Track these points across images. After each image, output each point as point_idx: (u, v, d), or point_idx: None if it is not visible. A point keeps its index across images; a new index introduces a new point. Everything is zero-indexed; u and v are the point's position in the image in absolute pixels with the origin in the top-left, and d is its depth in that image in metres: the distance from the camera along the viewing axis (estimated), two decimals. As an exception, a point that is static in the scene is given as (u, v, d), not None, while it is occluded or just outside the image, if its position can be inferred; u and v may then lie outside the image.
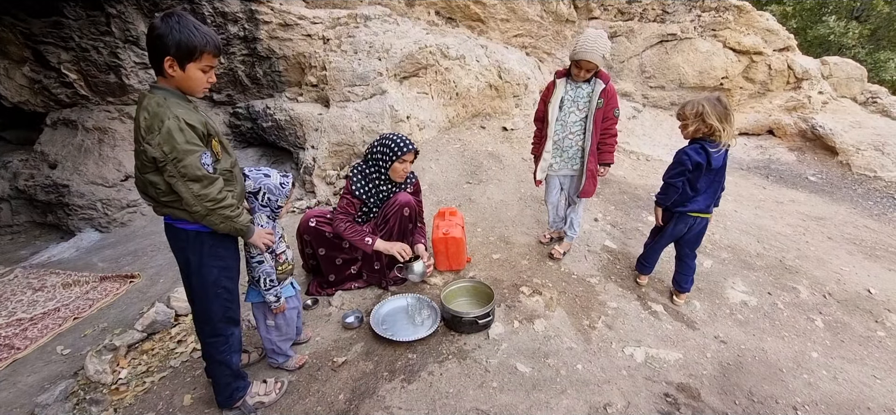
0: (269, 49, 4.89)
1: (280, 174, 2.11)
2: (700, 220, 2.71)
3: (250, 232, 1.92)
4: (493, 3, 6.16)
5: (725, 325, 2.77)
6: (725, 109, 2.45)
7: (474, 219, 3.84)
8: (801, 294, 3.13)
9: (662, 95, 7.04)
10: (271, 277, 2.10)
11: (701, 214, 2.68)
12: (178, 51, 1.61)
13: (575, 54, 2.76)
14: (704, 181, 2.59)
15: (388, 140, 2.75)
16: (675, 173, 2.59)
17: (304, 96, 5.12)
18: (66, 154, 5.18)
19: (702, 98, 2.50)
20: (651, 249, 2.98)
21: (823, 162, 6.30)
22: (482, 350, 2.46)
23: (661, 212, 2.80)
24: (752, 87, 6.91)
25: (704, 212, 2.68)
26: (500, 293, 2.89)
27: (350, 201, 2.82)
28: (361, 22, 5.05)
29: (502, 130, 5.49)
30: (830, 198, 5.48)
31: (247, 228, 1.88)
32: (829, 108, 6.81)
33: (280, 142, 5.24)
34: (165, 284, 3.53)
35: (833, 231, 4.38)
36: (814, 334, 2.76)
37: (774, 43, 6.82)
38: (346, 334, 2.65)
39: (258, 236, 1.99)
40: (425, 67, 5.15)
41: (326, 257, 2.91)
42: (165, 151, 1.60)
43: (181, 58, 1.62)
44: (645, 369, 2.38)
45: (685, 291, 2.91)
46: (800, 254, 3.71)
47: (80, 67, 4.98)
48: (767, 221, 4.37)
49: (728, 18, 6.68)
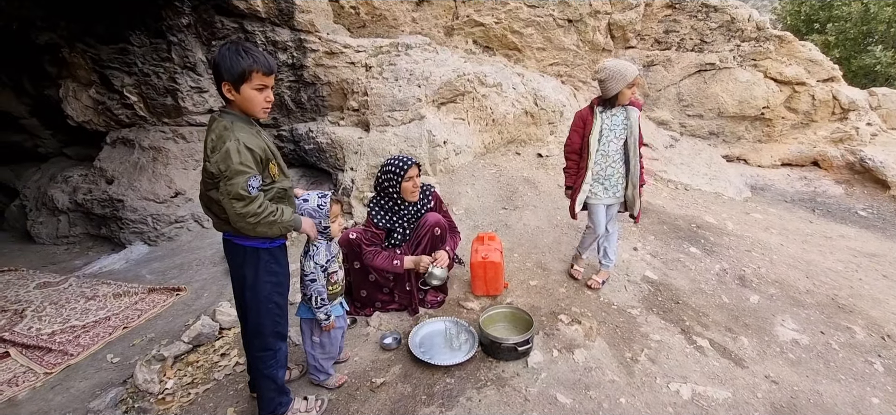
0: (315, 76, 5.11)
1: (318, 195, 2.17)
2: None
3: (298, 222, 2.00)
4: (530, 33, 6.26)
5: (776, 364, 2.66)
6: None
7: (511, 244, 3.84)
8: (856, 335, 2.98)
9: (700, 124, 6.92)
10: (322, 296, 2.17)
11: None
12: (230, 75, 1.74)
13: (625, 79, 2.79)
14: None
15: (388, 166, 2.83)
16: None
17: (346, 120, 5.29)
18: (123, 171, 5.49)
19: None
20: None
21: (874, 196, 6.02)
22: (521, 378, 2.44)
23: None
24: (794, 118, 6.72)
25: None
26: (538, 321, 2.86)
27: (374, 233, 2.88)
28: (402, 50, 5.22)
29: (537, 157, 5.51)
30: (883, 234, 5.22)
31: (294, 219, 1.95)
32: (878, 140, 6.53)
33: (320, 163, 5.41)
34: (210, 297, 3.66)
35: (888, 269, 4.16)
36: (873, 377, 2.61)
37: (818, 73, 6.64)
38: (385, 355, 2.67)
39: (308, 226, 2.08)
40: (462, 94, 5.26)
41: (361, 271, 2.94)
42: (221, 169, 1.71)
43: (235, 81, 1.75)
44: (692, 406, 2.31)
45: None
46: (853, 292, 3.54)
47: (141, 90, 5.32)
48: (816, 256, 4.19)
49: (769, 48, 6.56)
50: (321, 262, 2.16)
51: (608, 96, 2.88)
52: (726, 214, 4.99)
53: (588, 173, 3.01)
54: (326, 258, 2.19)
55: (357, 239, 2.85)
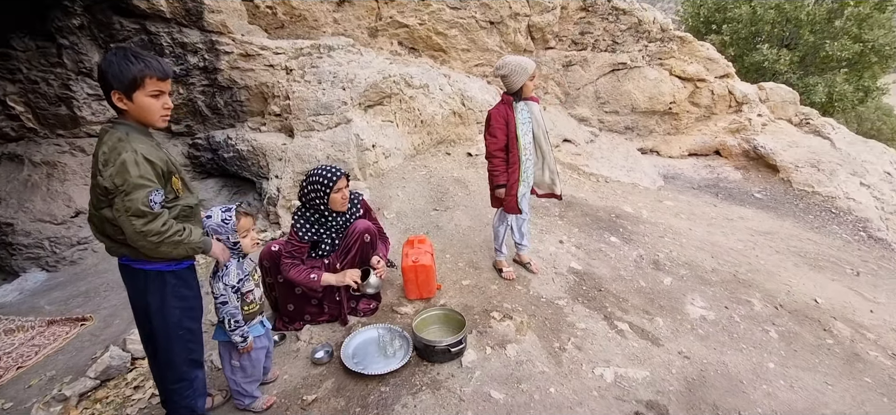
0: (231, 79, 4.83)
1: (221, 209, 2.03)
2: None
3: (208, 245, 1.87)
4: (454, 35, 6.33)
5: (688, 340, 2.88)
6: None
7: (442, 246, 3.86)
8: (754, 307, 3.31)
9: (617, 120, 7.38)
10: (236, 318, 2.04)
11: None
12: (119, 82, 1.60)
13: (527, 72, 2.94)
14: None
15: (314, 177, 2.68)
16: None
17: (268, 126, 5.06)
18: (11, 190, 4.86)
19: None
20: None
21: (767, 179, 6.74)
22: (456, 379, 2.45)
23: None
24: (698, 111, 7.35)
25: None
26: (471, 320, 2.90)
27: (297, 246, 2.72)
28: (325, 52, 5.07)
29: (467, 156, 5.59)
30: (775, 213, 5.85)
31: (203, 242, 1.82)
32: (768, 129, 7.32)
33: (242, 172, 5.13)
34: (121, 324, 3.35)
35: (780, 245, 4.68)
36: (769, 344, 2.91)
37: (715, 70, 7.32)
38: (316, 370, 2.58)
39: (219, 249, 1.94)
40: (389, 96, 5.21)
41: (287, 285, 2.80)
42: (117, 183, 1.57)
43: (126, 89, 1.62)
44: (615, 388, 2.44)
45: None
46: (751, 268, 3.93)
47: (28, 99, 4.74)
48: (720, 238, 4.61)
49: (672, 48, 7.13)
50: (232, 282, 2.01)
51: (514, 90, 3.00)
52: (642, 203, 5.35)
53: (522, 165, 3.08)
54: (238, 277, 2.04)
55: (279, 251, 2.73)
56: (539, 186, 3.32)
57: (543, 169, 3.24)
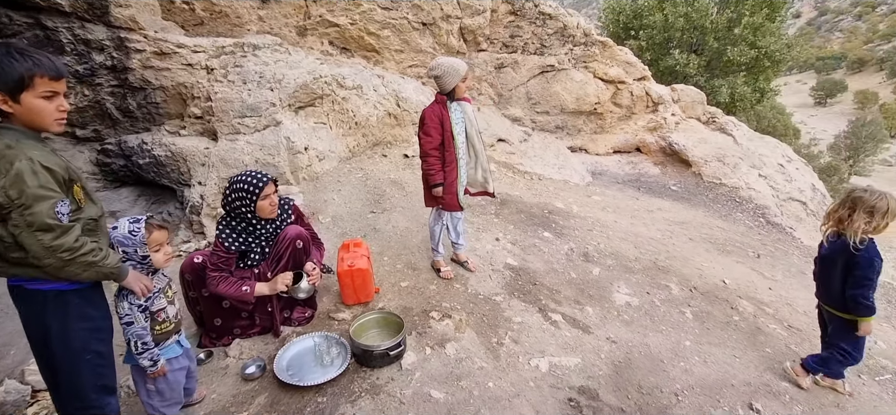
0: (144, 79, 4.46)
1: (129, 220, 1.85)
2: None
3: (123, 273, 1.71)
4: (387, 35, 6.29)
5: (615, 326, 3.06)
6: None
7: (380, 248, 3.81)
8: (672, 291, 3.57)
9: (548, 120, 7.68)
10: (144, 339, 1.86)
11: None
12: (3, 84, 1.44)
13: (459, 74, 2.99)
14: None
15: (239, 184, 2.47)
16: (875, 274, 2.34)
17: (188, 129, 4.73)
18: None
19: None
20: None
21: (681, 173, 7.32)
22: (396, 382, 2.43)
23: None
24: (620, 111, 7.84)
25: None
26: (410, 321, 2.89)
27: (223, 257, 2.53)
28: (249, 51, 4.83)
29: (404, 158, 5.56)
30: (689, 204, 6.37)
31: (118, 269, 1.67)
32: (680, 127, 7.95)
33: (161, 179, 4.75)
34: (19, 354, 2.98)
35: (693, 233, 5.09)
36: (685, 325, 3.16)
37: (634, 73, 7.85)
38: (247, 387, 2.45)
39: (134, 279, 1.78)
40: (321, 97, 5.06)
41: (212, 299, 2.62)
42: (11, 197, 1.40)
43: (11, 90, 1.45)
44: (550, 377, 2.53)
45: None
46: (669, 255, 4.24)
47: None
48: (642, 228, 4.94)
49: (595, 52, 7.55)
50: (139, 300, 1.84)
51: (447, 91, 3.04)
52: (573, 198, 5.61)
53: (460, 162, 3.12)
54: (148, 295, 1.87)
55: (202, 263, 2.55)
56: (472, 185, 3.37)
57: (476, 168, 3.30)
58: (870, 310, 2.34)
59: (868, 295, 2.32)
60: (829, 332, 2.60)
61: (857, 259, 2.31)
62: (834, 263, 2.44)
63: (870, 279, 2.31)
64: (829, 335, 2.61)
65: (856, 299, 2.34)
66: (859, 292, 2.32)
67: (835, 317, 2.51)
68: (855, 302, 2.35)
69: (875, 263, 2.31)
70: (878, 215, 2.26)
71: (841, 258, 2.39)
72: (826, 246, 2.52)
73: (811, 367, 2.62)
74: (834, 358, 2.54)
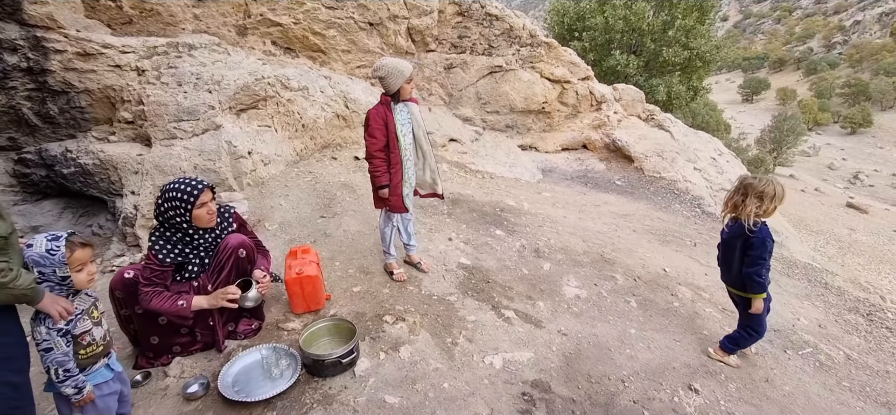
0: (66, 82, 4.12)
1: (47, 237, 1.70)
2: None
3: (38, 295, 1.57)
4: (333, 35, 6.15)
5: (565, 319, 3.14)
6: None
7: (332, 253, 3.72)
8: (618, 281, 3.72)
9: (498, 119, 7.80)
10: (65, 366, 1.70)
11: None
12: None
13: (404, 75, 2.97)
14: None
15: (172, 192, 2.33)
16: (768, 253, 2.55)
17: (118, 135, 4.41)
18: None
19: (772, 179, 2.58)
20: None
21: (625, 168, 7.65)
22: (349, 390, 2.37)
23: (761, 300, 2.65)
24: (566, 110, 8.09)
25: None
26: (363, 326, 2.83)
27: (157, 271, 2.37)
28: (185, 51, 4.58)
29: (354, 160, 5.46)
30: (632, 197, 6.66)
31: (33, 290, 1.53)
32: (622, 124, 8.31)
33: (88, 190, 4.40)
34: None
35: (636, 225, 5.33)
36: (630, 313, 3.29)
37: (578, 73, 8.12)
38: (190, 407, 2.31)
39: (50, 302, 1.62)
40: (265, 99, 4.88)
41: (147, 316, 2.45)
42: None
43: None
44: (504, 373, 2.56)
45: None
46: (615, 247, 4.41)
47: None
48: (589, 223, 5.11)
49: (541, 53, 7.74)
50: (58, 325, 1.68)
51: (391, 92, 3.02)
52: (523, 196, 5.72)
53: (405, 164, 3.11)
54: (68, 318, 1.72)
55: (134, 278, 2.38)
56: (421, 187, 3.36)
57: (425, 169, 3.29)
58: (761, 287, 2.57)
59: (762, 273, 2.55)
60: (740, 312, 2.83)
61: (751, 240, 2.53)
62: (733, 246, 2.66)
63: (763, 259, 2.54)
64: (740, 315, 2.84)
65: (751, 277, 2.56)
66: (754, 270, 2.55)
67: (741, 299, 2.74)
68: (750, 279, 2.57)
69: (767, 244, 2.53)
70: (767, 199, 2.48)
71: (739, 241, 2.60)
72: (726, 231, 2.74)
73: (726, 347, 2.84)
74: (743, 336, 2.79)
